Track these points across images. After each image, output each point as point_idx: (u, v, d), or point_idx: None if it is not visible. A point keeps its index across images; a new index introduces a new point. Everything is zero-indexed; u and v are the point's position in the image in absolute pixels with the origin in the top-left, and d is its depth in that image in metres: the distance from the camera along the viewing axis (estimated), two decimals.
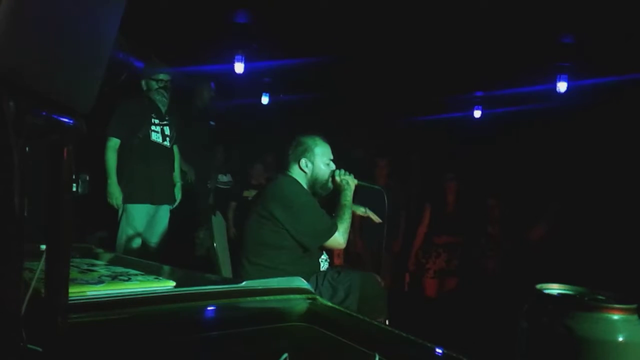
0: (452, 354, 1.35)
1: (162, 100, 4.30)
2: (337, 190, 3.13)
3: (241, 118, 7.76)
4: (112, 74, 0.89)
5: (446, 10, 5.15)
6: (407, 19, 5.45)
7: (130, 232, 4.13)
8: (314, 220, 2.94)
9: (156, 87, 4.27)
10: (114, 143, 4.07)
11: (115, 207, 4.11)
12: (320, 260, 3.12)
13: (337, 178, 3.11)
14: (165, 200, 4.32)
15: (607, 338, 1.88)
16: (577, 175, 5.73)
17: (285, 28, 5.88)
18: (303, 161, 3.05)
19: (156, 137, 4.23)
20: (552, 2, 4.83)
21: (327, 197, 3.17)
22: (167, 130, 4.30)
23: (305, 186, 3.06)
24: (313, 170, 3.06)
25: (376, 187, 3.36)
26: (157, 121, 4.23)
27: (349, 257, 5.20)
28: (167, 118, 4.32)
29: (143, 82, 4.27)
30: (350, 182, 3.12)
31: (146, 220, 4.21)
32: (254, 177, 6.23)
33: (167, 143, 4.31)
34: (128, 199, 4.13)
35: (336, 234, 2.94)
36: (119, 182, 4.13)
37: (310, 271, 2.91)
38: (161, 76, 4.29)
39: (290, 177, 3.05)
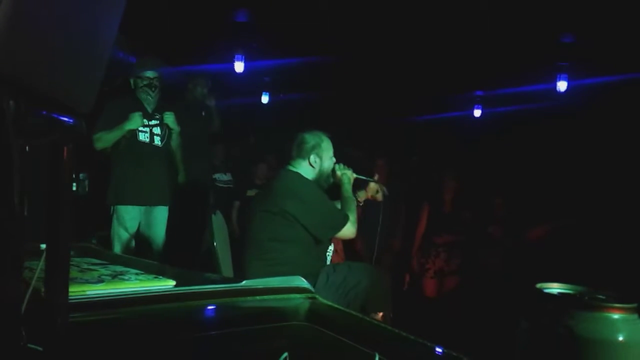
0: (452, 353, 1.35)
1: (147, 99, 4.18)
2: (336, 183, 3.28)
3: (241, 117, 7.76)
4: (112, 73, 0.89)
5: (446, 9, 5.15)
6: (407, 18, 5.45)
7: (123, 232, 4.08)
8: (328, 212, 3.10)
9: (141, 85, 4.16)
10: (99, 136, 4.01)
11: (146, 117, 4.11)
12: (327, 252, 3.24)
13: (338, 172, 3.26)
14: (158, 201, 4.22)
15: (607, 337, 1.88)
16: (577, 174, 5.73)
17: (285, 27, 5.88)
18: (312, 157, 3.16)
19: (144, 137, 4.12)
20: (552, 1, 4.83)
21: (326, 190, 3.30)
22: (157, 130, 4.19)
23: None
24: (321, 165, 3.18)
25: (372, 179, 3.50)
26: (145, 121, 4.11)
27: (347, 255, 5.19)
28: (156, 116, 4.20)
29: (131, 81, 4.17)
30: (349, 175, 3.29)
31: (138, 222, 4.14)
32: (258, 176, 6.22)
33: (157, 143, 4.20)
34: (117, 200, 4.08)
35: (348, 224, 3.08)
36: (109, 183, 4.10)
37: (318, 263, 3.03)
38: (148, 73, 4.15)
39: (296, 172, 3.15)
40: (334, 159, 3.26)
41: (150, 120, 4.18)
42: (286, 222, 2.96)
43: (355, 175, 3.33)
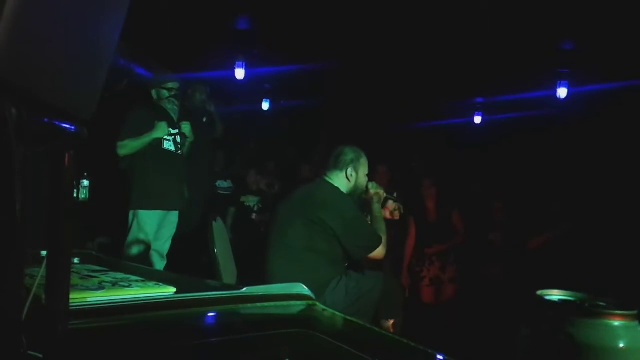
0: None
1: (173, 109, 4.35)
2: (367, 201, 3.29)
3: (242, 124, 7.77)
4: (114, 80, 0.90)
5: (446, 16, 5.17)
6: (407, 25, 5.47)
7: (142, 237, 4.14)
8: (366, 233, 3.10)
9: (167, 95, 4.31)
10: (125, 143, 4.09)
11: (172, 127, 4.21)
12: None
13: (371, 190, 3.28)
14: (175, 206, 4.35)
15: (608, 344, 1.87)
16: (577, 181, 5.73)
17: (286, 34, 5.90)
18: (349, 170, 3.17)
19: (168, 145, 4.26)
20: (552, 8, 4.84)
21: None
22: (178, 139, 4.35)
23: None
24: (356, 180, 3.19)
25: (397, 199, 3.55)
26: (170, 130, 4.25)
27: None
28: (177, 126, 4.35)
29: (154, 92, 4.31)
30: (381, 194, 3.32)
31: (157, 226, 4.23)
32: (249, 183, 6.23)
33: (179, 151, 4.35)
34: (140, 205, 4.15)
35: (381, 246, 3.10)
36: (132, 189, 4.16)
37: (340, 273, 3.03)
38: (171, 84, 4.33)
39: (334, 185, 3.15)
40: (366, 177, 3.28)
41: (174, 129, 4.32)
42: (325, 235, 2.97)
43: (385, 195, 3.37)
